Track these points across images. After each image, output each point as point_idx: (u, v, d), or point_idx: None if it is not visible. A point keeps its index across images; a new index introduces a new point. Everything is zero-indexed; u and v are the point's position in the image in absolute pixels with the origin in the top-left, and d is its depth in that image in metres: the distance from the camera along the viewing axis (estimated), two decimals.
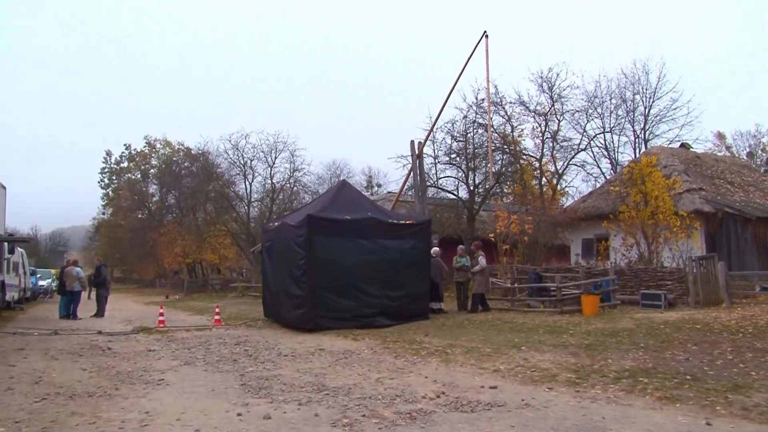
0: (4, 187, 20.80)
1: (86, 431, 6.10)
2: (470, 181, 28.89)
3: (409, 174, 26.05)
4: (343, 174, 59.56)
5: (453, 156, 29.03)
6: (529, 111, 29.64)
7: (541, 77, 29.50)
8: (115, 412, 6.85)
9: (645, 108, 32.08)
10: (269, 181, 49.64)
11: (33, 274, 37.19)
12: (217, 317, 18.25)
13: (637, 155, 29.32)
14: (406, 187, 27.07)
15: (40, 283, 40.35)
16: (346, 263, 15.64)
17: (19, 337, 14.58)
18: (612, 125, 32.17)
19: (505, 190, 30.92)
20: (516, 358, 9.75)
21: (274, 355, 10.93)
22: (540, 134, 29.69)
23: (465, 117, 28.52)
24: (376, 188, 58.65)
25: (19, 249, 28.31)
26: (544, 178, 30.48)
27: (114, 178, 68.92)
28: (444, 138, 29.14)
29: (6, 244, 21.18)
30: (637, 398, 7.06)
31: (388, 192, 35.09)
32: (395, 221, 17.07)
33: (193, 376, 9.19)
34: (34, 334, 15.24)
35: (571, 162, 30.61)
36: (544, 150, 29.86)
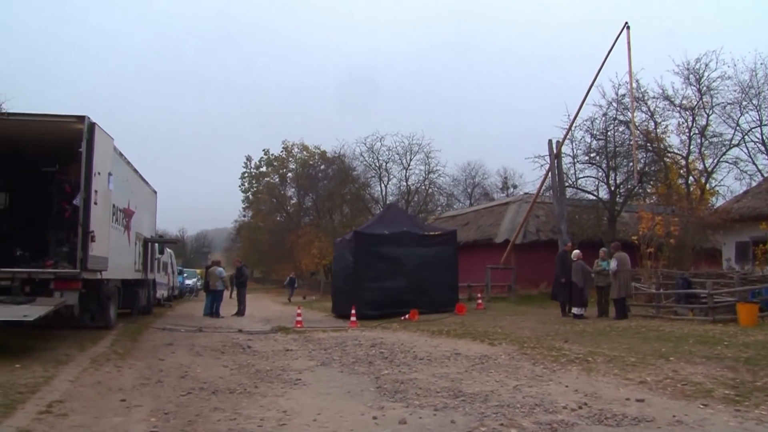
0: (155, 192, 22.11)
1: (227, 427, 6.29)
2: (611, 181, 27.76)
3: (546, 174, 25.45)
4: (478, 176, 59.34)
5: (593, 155, 28.03)
6: (674, 105, 27.84)
7: (688, 69, 27.46)
8: (254, 410, 7.04)
9: None
10: (404, 183, 50.33)
11: (180, 273, 39.41)
12: (352, 318, 18.54)
13: None
14: (543, 188, 26.47)
15: (187, 282, 42.71)
16: (385, 267, 20.59)
17: (168, 333, 15.47)
18: None
19: (649, 190, 29.42)
20: (664, 369, 9.14)
21: (409, 358, 10.90)
22: (687, 130, 27.83)
23: (605, 114, 27.46)
24: (511, 189, 57.78)
25: (168, 250, 30.09)
26: (691, 177, 28.66)
27: (254, 182, 71.78)
28: (583, 136, 28.19)
29: (157, 245, 22.47)
30: None
31: (525, 193, 34.46)
32: (425, 233, 22.10)
33: (329, 377, 9.32)
34: (181, 331, 16.13)
35: (722, 159, 28.49)
36: (691, 147, 27.98)
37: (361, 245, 20.97)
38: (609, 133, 27.43)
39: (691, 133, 27.62)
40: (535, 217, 29.51)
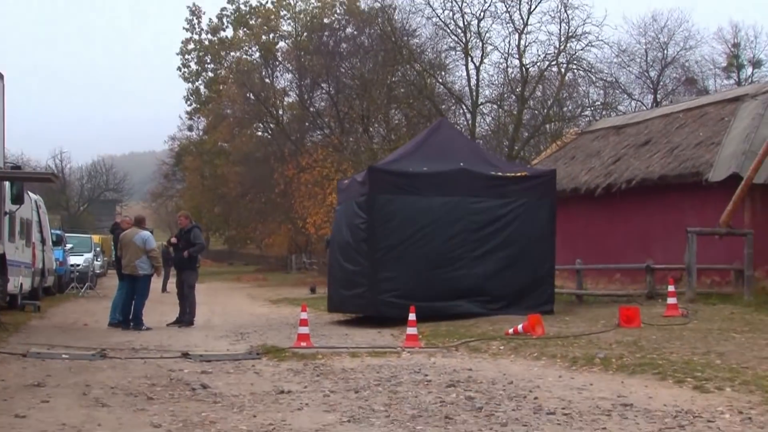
0: (1, 76, 21.66)
1: None
2: None
3: None
4: (675, 44, 58.52)
5: None
6: None
7: None
8: None
9: None
10: (515, 62, 49.76)
11: (58, 243, 39.51)
12: (411, 330, 18.61)
13: None
14: None
15: (73, 260, 42.83)
16: (422, 230, 22.93)
17: (35, 363, 15.57)
18: None
19: None
20: None
21: (527, 412, 10.86)
22: None
23: None
24: (748, 71, 56.99)
25: (33, 195, 30.08)
26: None
27: (208, 59, 71.97)
28: None
29: (7, 185, 22.32)
30: None
31: None
32: (497, 173, 24.21)
33: None
34: (63, 357, 16.29)
35: None
36: None
37: (381, 192, 23.13)
38: None
39: None
40: None
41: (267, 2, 67.50)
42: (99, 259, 45.74)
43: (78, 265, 43.12)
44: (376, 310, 22.50)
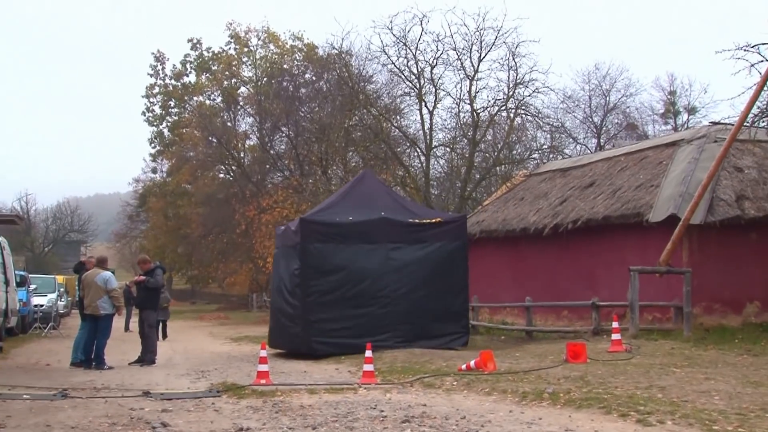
0: None
1: None
2: None
3: (762, 84, 24.96)
4: (616, 91, 59.01)
5: None
6: None
7: None
8: None
9: None
10: (467, 107, 49.89)
11: (22, 284, 38.74)
12: (368, 367, 18.61)
13: None
14: (754, 111, 26.01)
15: (37, 301, 42.17)
16: (348, 274, 24.98)
17: None
18: None
19: None
20: None
21: None
22: None
23: None
24: (684, 117, 57.43)
25: None
26: None
27: (171, 104, 71.72)
28: None
29: None
30: None
31: (712, 124, 34.03)
32: (414, 220, 26.29)
33: None
34: (24, 398, 16.04)
35: None
36: None
37: (311, 241, 25.16)
38: None
39: None
40: (734, 171, 29.18)
41: (229, 49, 67.56)
42: (63, 300, 45.12)
43: (41, 306, 42.28)
44: (309, 348, 24.34)
